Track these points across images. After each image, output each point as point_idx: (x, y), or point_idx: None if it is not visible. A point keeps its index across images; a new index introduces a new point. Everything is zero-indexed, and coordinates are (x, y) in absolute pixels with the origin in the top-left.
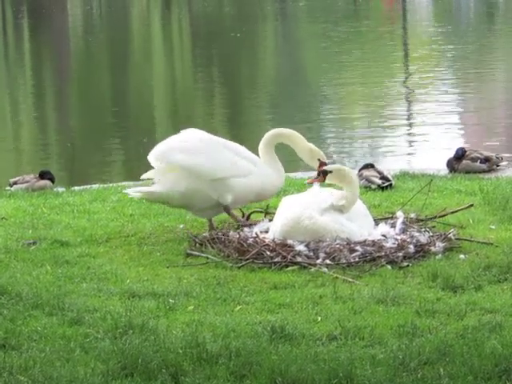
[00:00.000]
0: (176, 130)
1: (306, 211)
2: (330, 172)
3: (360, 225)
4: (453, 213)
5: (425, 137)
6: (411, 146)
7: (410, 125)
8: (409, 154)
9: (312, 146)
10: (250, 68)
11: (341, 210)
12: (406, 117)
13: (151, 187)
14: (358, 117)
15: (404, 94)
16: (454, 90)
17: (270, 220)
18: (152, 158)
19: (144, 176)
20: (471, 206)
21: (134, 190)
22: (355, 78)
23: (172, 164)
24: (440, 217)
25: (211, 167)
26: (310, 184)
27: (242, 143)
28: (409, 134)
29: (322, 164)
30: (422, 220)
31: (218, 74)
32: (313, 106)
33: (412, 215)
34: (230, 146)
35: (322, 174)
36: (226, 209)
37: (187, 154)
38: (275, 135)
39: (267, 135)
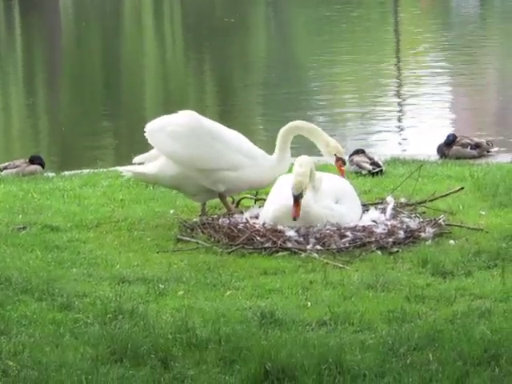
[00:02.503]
0: (168, 114)
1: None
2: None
3: (349, 206)
4: (443, 196)
5: (416, 123)
6: (402, 131)
7: (401, 110)
8: (399, 139)
9: (331, 140)
10: (243, 53)
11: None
12: (397, 102)
13: (143, 167)
14: (349, 102)
15: (395, 80)
16: (445, 77)
17: (261, 206)
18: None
19: (137, 159)
20: (462, 189)
21: (126, 169)
22: (347, 63)
23: (154, 145)
24: (430, 201)
25: (191, 157)
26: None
27: (233, 127)
28: (400, 120)
29: (339, 159)
30: (412, 204)
31: (211, 59)
32: (304, 91)
33: (402, 199)
34: (224, 136)
35: (340, 160)
36: (221, 196)
37: (172, 139)
38: (296, 127)
39: (285, 128)
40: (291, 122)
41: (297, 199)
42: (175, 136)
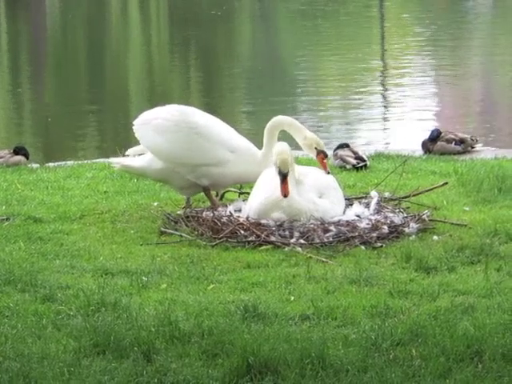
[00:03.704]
0: (152, 108)
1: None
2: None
3: (332, 201)
4: (428, 191)
5: (400, 117)
6: (387, 126)
7: (386, 105)
8: (384, 134)
9: (308, 133)
10: (229, 46)
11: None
12: (381, 97)
13: (131, 160)
14: (334, 97)
15: (380, 75)
16: (430, 72)
17: (245, 200)
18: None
19: (129, 151)
20: (446, 183)
21: (115, 161)
22: (332, 56)
23: (139, 139)
24: (414, 195)
25: (174, 153)
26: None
27: (217, 117)
28: (384, 115)
29: (320, 153)
30: (396, 199)
31: (197, 52)
32: (289, 85)
33: (386, 194)
34: (210, 131)
35: (321, 153)
36: (206, 190)
37: (155, 134)
38: (276, 124)
39: (269, 124)
40: (274, 117)
41: (285, 177)
42: (159, 131)
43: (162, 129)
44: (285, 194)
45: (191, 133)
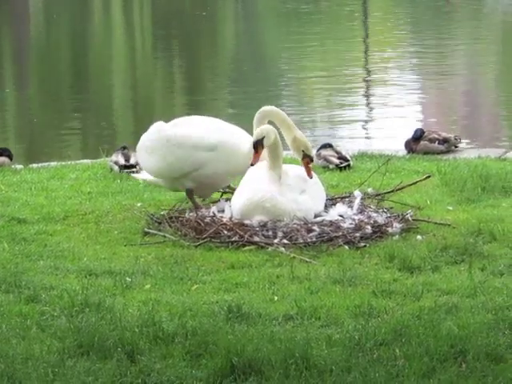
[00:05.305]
0: (135, 108)
1: (267, 194)
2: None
3: (313, 196)
4: (411, 185)
5: (383, 117)
6: (370, 126)
7: (369, 105)
8: (367, 134)
9: (299, 135)
10: (214, 46)
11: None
12: (364, 97)
13: (142, 174)
14: (317, 96)
15: (363, 75)
16: (413, 71)
17: (228, 199)
18: None
19: None
20: (429, 177)
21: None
22: (316, 56)
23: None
24: (398, 190)
25: (161, 169)
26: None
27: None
28: (367, 114)
29: (306, 157)
30: (379, 194)
31: (181, 52)
32: (272, 85)
33: (370, 189)
34: (189, 139)
35: (307, 158)
36: (188, 192)
37: (144, 156)
38: (266, 113)
39: (258, 113)
40: (264, 106)
41: (255, 146)
42: (147, 152)
43: (147, 150)
44: (251, 164)
45: (169, 145)
